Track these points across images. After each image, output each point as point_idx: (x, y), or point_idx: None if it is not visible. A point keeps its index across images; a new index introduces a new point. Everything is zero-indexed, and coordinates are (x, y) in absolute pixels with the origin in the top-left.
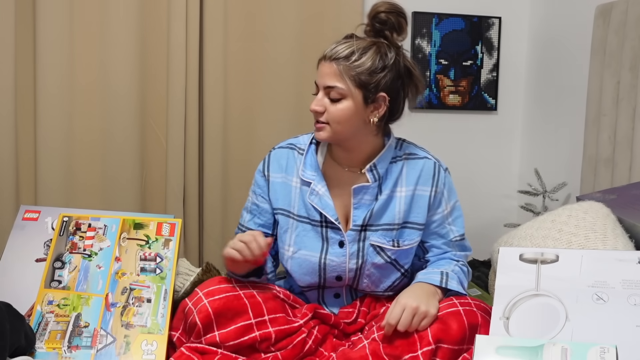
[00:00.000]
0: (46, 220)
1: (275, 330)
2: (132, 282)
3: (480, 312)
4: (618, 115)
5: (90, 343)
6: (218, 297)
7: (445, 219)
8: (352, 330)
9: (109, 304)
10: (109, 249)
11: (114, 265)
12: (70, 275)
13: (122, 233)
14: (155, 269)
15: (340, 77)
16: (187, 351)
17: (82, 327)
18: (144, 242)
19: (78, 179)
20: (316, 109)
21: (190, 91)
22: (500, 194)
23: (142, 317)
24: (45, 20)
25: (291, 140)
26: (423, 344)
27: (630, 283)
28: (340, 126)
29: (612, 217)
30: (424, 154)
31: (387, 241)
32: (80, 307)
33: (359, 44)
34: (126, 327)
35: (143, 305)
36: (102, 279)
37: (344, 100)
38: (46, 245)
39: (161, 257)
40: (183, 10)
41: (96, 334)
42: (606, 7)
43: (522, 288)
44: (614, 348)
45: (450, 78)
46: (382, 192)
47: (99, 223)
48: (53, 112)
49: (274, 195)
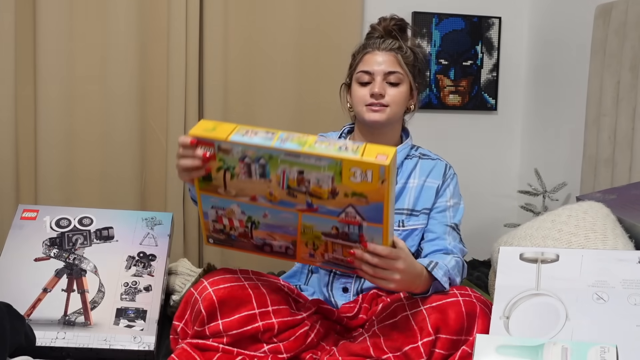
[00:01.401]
0: (44, 220)
1: (278, 322)
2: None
3: (480, 303)
4: (618, 115)
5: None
6: (223, 286)
7: (446, 209)
8: (354, 326)
9: None
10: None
11: None
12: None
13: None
14: None
15: (399, 64)
16: (188, 347)
17: None
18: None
19: (78, 179)
20: (381, 92)
21: (190, 91)
22: (500, 194)
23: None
24: (45, 19)
25: (320, 134)
26: (423, 335)
27: (631, 283)
28: (397, 108)
29: (612, 217)
30: (437, 157)
31: (395, 223)
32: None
33: (401, 42)
34: None
35: None
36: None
37: (401, 85)
38: (45, 245)
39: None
40: (183, 10)
41: None
42: (606, 7)
43: (522, 287)
44: (614, 348)
45: (450, 78)
46: (397, 181)
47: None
48: (53, 112)
49: None
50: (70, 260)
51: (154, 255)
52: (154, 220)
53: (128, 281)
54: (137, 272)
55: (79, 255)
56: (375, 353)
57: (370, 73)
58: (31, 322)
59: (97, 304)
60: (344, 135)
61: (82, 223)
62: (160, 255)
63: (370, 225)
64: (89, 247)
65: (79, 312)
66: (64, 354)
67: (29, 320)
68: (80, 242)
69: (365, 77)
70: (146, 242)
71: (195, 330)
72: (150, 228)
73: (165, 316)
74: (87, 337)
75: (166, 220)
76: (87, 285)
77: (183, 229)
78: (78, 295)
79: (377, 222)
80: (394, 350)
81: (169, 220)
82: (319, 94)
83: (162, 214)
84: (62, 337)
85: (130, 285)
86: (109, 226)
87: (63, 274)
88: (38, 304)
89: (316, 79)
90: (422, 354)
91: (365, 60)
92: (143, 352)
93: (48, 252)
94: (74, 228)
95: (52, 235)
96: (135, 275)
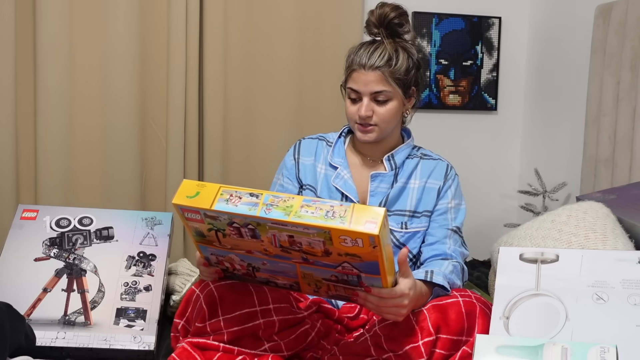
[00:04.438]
0: (44, 219)
1: (279, 319)
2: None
3: (480, 303)
4: (618, 115)
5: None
6: (224, 283)
7: (447, 211)
8: (355, 326)
9: None
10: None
11: None
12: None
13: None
14: None
15: (385, 81)
16: (188, 347)
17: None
18: None
19: (78, 179)
20: (368, 114)
21: (190, 91)
22: (500, 194)
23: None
24: (45, 19)
25: (320, 134)
26: (424, 335)
27: (630, 283)
28: (388, 124)
29: (612, 217)
30: (438, 157)
31: (397, 224)
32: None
33: (390, 48)
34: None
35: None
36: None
37: (390, 102)
38: (45, 245)
39: None
40: (183, 10)
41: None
42: (606, 7)
43: (522, 288)
44: (614, 348)
45: (450, 78)
46: (397, 181)
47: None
48: (53, 112)
49: (304, 174)
50: (70, 260)
51: (154, 255)
52: (154, 220)
53: (128, 281)
54: (137, 272)
55: (79, 255)
56: (376, 353)
57: (358, 92)
58: (31, 322)
59: (97, 304)
60: (344, 136)
61: (82, 223)
62: (160, 255)
63: (368, 276)
64: (89, 247)
65: (79, 312)
66: (64, 354)
67: (29, 320)
68: (80, 242)
69: (353, 95)
70: (146, 242)
71: (196, 327)
72: (150, 228)
73: (165, 316)
74: (87, 337)
75: (166, 220)
76: (87, 285)
77: (183, 229)
78: (78, 295)
79: (374, 274)
80: (394, 350)
81: (169, 220)
82: (319, 94)
83: (162, 213)
84: (62, 337)
85: (130, 285)
86: (109, 226)
87: (63, 274)
88: (38, 304)
89: (316, 79)
90: (423, 353)
91: (353, 78)
92: (143, 351)
93: (48, 252)
94: (74, 228)
95: (52, 235)
96: (135, 275)
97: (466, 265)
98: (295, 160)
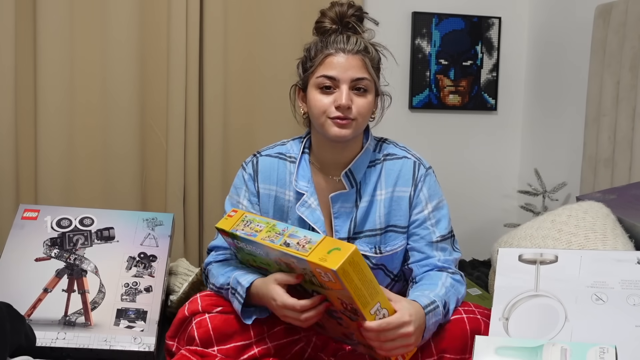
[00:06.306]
0: (45, 219)
1: (274, 345)
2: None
3: (484, 318)
4: (618, 115)
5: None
6: (219, 314)
7: (426, 220)
8: None
9: None
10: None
11: None
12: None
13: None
14: None
15: (365, 69)
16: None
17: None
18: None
19: (78, 179)
20: (348, 104)
21: (190, 91)
22: (500, 194)
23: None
24: (45, 19)
25: (278, 147)
26: (424, 355)
27: (630, 283)
28: (364, 121)
29: (612, 217)
30: (404, 154)
31: (370, 248)
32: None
33: (362, 39)
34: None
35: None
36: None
37: (368, 94)
38: (45, 245)
39: None
40: (183, 10)
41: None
42: (606, 7)
43: (522, 289)
44: (614, 348)
45: (450, 78)
46: (361, 198)
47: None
48: (53, 112)
49: (264, 207)
50: (71, 261)
51: (154, 255)
52: (155, 220)
53: (129, 282)
54: (137, 272)
55: (79, 256)
56: None
57: (335, 79)
58: (31, 322)
59: (97, 305)
60: (307, 151)
61: (83, 223)
62: (160, 255)
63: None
64: (89, 248)
65: (79, 313)
66: (64, 355)
67: (29, 320)
68: (81, 242)
69: (328, 83)
70: (147, 242)
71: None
72: (151, 229)
73: (165, 317)
74: (88, 338)
75: (167, 220)
76: (87, 286)
77: (183, 230)
78: (78, 296)
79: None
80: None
81: (170, 220)
82: None
83: (163, 214)
84: (62, 337)
85: (131, 286)
86: (110, 226)
87: (64, 274)
88: (38, 304)
89: None
90: None
91: (327, 63)
92: (143, 352)
93: (49, 252)
94: (74, 228)
95: (53, 236)
96: (135, 276)
97: (465, 265)
98: (255, 185)
